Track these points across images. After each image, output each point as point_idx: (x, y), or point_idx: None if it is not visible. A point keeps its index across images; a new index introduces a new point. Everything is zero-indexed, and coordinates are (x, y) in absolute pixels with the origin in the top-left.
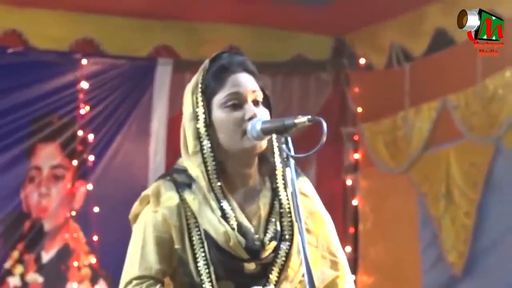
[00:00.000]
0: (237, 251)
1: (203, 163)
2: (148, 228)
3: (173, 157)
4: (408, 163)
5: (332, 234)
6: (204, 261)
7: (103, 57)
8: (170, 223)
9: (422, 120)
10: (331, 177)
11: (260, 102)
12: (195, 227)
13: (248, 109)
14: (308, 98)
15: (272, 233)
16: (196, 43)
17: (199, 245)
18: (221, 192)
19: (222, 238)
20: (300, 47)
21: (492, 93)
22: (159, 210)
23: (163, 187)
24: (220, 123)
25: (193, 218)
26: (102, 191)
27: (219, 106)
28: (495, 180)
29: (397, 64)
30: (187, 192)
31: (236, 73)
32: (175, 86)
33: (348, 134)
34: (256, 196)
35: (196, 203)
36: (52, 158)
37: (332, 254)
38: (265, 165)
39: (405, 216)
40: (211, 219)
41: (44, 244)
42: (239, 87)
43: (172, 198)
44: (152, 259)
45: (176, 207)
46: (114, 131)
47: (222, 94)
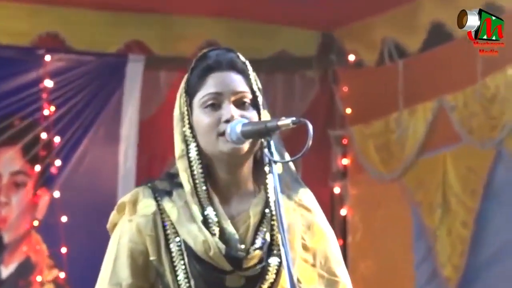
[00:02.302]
0: (218, 261)
1: (189, 167)
2: (122, 239)
3: (145, 163)
4: (401, 169)
5: (333, 250)
6: (184, 274)
7: (68, 53)
8: (145, 233)
9: (417, 122)
10: (317, 185)
11: (247, 103)
12: (174, 237)
13: (225, 110)
14: (292, 98)
15: (260, 243)
16: (170, 38)
17: (179, 257)
18: (206, 197)
19: (201, 248)
20: (284, 43)
21: (493, 93)
22: (134, 219)
23: (141, 194)
24: (197, 124)
25: (172, 228)
26: (69, 199)
27: (198, 106)
28: (496, 188)
29: (389, 61)
30: (166, 200)
31: (220, 72)
32: (148, 85)
33: (336, 137)
34: (248, 203)
35: (175, 212)
36: (13, 164)
37: (331, 273)
38: (260, 171)
39: (398, 227)
40: (190, 228)
41: (4, 257)
42: (219, 86)
43: (148, 206)
44: (123, 273)
45: (152, 216)
46: (80, 134)
47: (201, 93)
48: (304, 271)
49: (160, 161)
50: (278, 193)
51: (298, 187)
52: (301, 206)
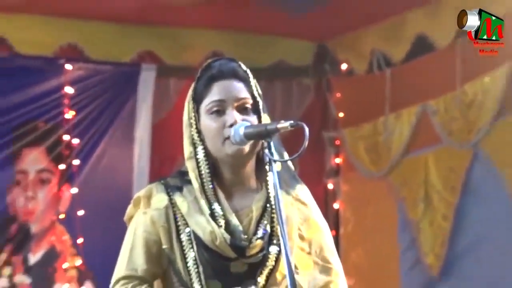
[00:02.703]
0: (223, 250)
1: (197, 167)
2: (138, 229)
3: (157, 162)
4: (388, 168)
5: (326, 240)
6: (193, 261)
7: (87, 62)
8: (158, 224)
9: (402, 125)
10: (313, 181)
11: (249, 108)
12: (184, 228)
13: (229, 115)
14: (290, 103)
15: (261, 233)
16: (179, 49)
17: (189, 246)
18: (213, 194)
19: (208, 237)
20: (283, 53)
21: (471, 99)
22: (148, 212)
23: (155, 190)
24: (204, 129)
25: (182, 220)
26: (87, 194)
27: (204, 112)
28: (473, 185)
29: (378, 70)
30: (177, 194)
31: (223, 80)
32: (159, 91)
33: (330, 138)
34: (251, 199)
35: (185, 205)
36: (38, 162)
37: (325, 260)
38: (262, 169)
39: (385, 219)
40: (199, 220)
41: (31, 246)
42: (222, 94)
43: (161, 201)
44: (139, 260)
45: (164, 209)
46: (98, 136)
47: (207, 101)
48: (301, 259)
49: (170, 161)
50: (278, 189)
51: (296, 183)
52: (298, 200)
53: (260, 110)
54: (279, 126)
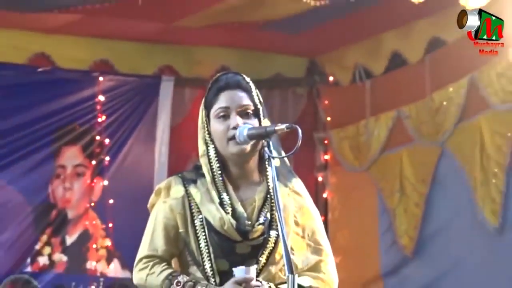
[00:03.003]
0: (230, 233)
1: (209, 163)
2: (158, 216)
3: (174, 159)
4: (368, 163)
5: (318, 225)
6: (205, 243)
7: (116, 75)
8: (176, 212)
9: (380, 127)
10: (305, 174)
11: (250, 113)
12: (198, 215)
13: (232, 119)
14: (286, 109)
15: (263, 219)
16: (193, 63)
17: (201, 230)
18: (222, 185)
19: (218, 223)
20: (280, 67)
21: (438, 105)
22: (168, 201)
23: (174, 182)
24: (213, 131)
25: (196, 208)
26: (115, 186)
27: (213, 117)
28: (440, 177)
29: (359, 81)
30: (192, 186)
31: (229, 90)
32: (176, 99)
33: (320, 138)
34: (254, 190)
35: (199, 196)
36: (75, 159)
37: (316, 242)
38: (264, 165)
39: (366, 207)
40: (210, 208)
41: (68, 229)
42: (228, 102)
43: (179, 191)
44: (159, 242)
45: (181, 198)
46: (125, 136)
47: (215, 107)
48: (296, 242)
49: (185, 158)
50: (276, 182)
51: (292, 177)
52: (294, 191)
53: (260, 115)
54: (276, 128)
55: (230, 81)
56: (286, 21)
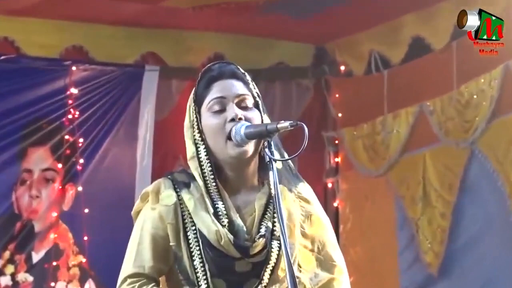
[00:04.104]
0: (228, 249)
1: (199, 166)
2: (145, 225)
3: (159, 161)
4: (386, 167)
5: (329, 237)
6: (200, 259)
7: (91, 64)
8: (166, 221)
9: (400, 124)
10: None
11: (249, 105)
12: (191, 225)
13: (230, 111)
14: (290, 103)
15: (264, 230)
16: (181, 50)
17: (195, 243)
18: (217, 192)
19: (214, 236)
20: (282, 55)
21: (467, 99)
22: (157, 208)
23: (163, 185)
24: (206, 127)
25: (189, 218)
26: (90, 193)
27: (206, 111)
28: (470, 183)
29: (375, 71)
30: (184, 191)
31: (223, 80)
32: (162, 92)
33: (329, 138)
34: (253, 198)
35: (192, 203)
36: (43, 162)
37: (328, 257)
38: (264, 168)
39: (383, 217)
40: (204, 218)
41: (35, 244)
42: (223, 92)
43: (169, 196)
44: (146, 256)
45: (173, 206)
46: (102, 135)
47: (208, 99)
48: (304, 257)
49: (172, 159)
50: (277, 187)
51: (298, 181)
52: (300, 197)
53: (260, 108)
54: (279, 126)
55: (224, 70)
56: (290, 2)
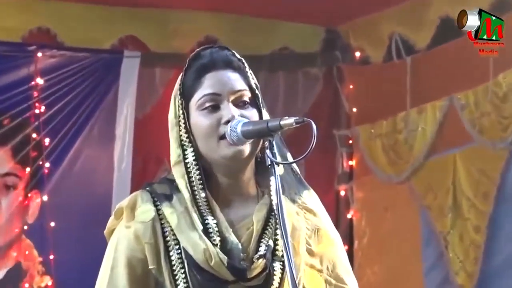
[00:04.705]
0: (219, 272)
1: (186, 173)
2: (120, 246)
3: (141, 165)
4: (409, 171)
5: (340, 255)
6: (185, 283)
7: (60, 49)
8: (144, 240)
9: (426, 121)
10: (322, 187)
11: (247, 102)
12: (174, 244)
13: (225, 110)
14: (295, 96)
15: (264, 250)
16: (167, 33)
17: (179, 265)
18: (206, 204)
19: (201, 256)
20: (286, 38)
21: (505, 92)
22: (132, 226)
23: (140, 199)
24: (195, 128)
25: (172, 235)
26: (59, 203)
27: (195, 108)
28: (509, 191)
29: (397, 58)
30: (165, 204)
31: (216, 71)
32: (144, 82)
33: (342, 137)
34: (250, 209)
35: (175, 218)
36: (2, 165)
37: (339, 279)
38: (263, 173)
39: (406, 232)
40: (190, 235)
41: None
42: (217, 87)
43: (147, 212)
44: (121, 282)
45: (151, 222)
46: (73, 134)
47: (198, 95)
48: (311, 278)
49: (155, 162)
50: (280, 196)
51: (302, 189)
52: (305, 209)
53: (259, 103)
54: (282, 123)
55: (216, 58)
56: None
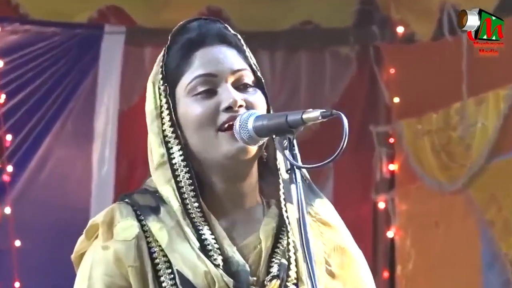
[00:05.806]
0: None
1: (174, 177)
2: (95, 272)
3: (126, 167)
4: (467, 177)
5: (365, 277)
6: None
7: (24, 23)
8: (126, 263)
9: (487, 114)
10: (356, 198)
11: (249, 85)
12: (166, 268)
13: (225, 93)
14: (321, 82)
15: (276, 269)
16: (158, 4)
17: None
18: (201, 216)
19: (203, 281)
20: (310, 11)
21: None
22: (111, 246)
23: (119, 213)
24: (185, 119)
25: (162, 256)
26: (25, 217)
27: (185, 95)
28: None
29: (450, 35)
30: (151, 219)
31: (208, 47)
32: (130, 65)
33: (380, 135)
34: (256, 223)
35: (165, 234)
36: None
37: None
38: (269, 179)
39: (462, 253)
40: (186, 255)
41: None
42: (211, 66)
43: (129, 228)
44: None
45: (134, 241)
46: (41, 130)
47: (187, 77)
48: None
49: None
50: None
51: (313, 197)
52: (320, 221)
53: (264, 86)
54: (305, 117)
55: (207, 31)
56: None
